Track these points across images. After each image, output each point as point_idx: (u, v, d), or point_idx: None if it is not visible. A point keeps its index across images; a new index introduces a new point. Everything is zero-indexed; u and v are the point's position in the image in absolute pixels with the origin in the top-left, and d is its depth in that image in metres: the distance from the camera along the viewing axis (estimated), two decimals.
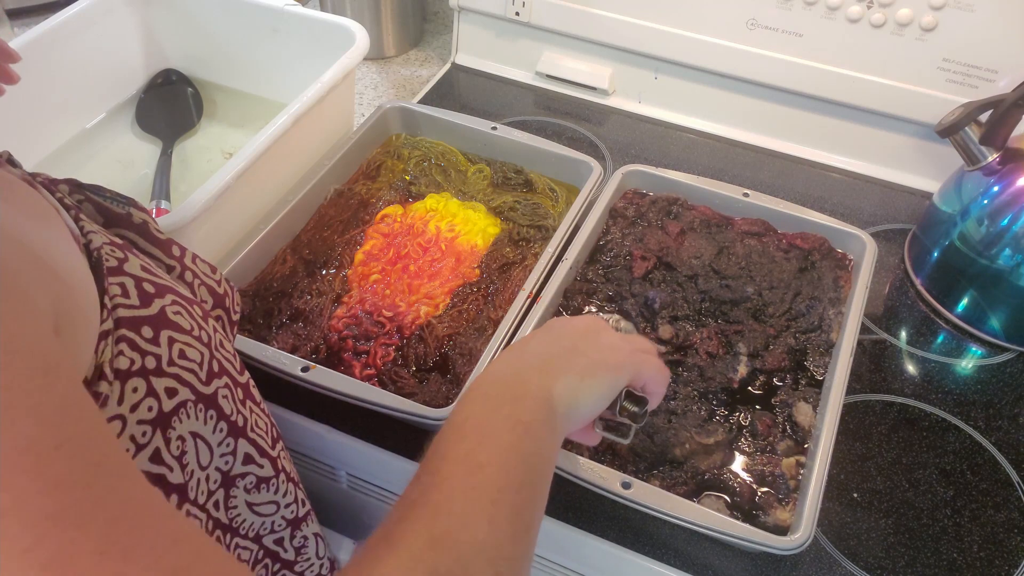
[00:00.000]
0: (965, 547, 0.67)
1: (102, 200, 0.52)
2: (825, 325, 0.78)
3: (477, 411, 0.46)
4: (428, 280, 0.81)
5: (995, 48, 0.89)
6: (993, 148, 0.82)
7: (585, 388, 0.49)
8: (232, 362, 0.50)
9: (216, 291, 0.55)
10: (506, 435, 0.44)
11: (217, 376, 0.48)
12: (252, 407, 0.52)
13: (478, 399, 0.47)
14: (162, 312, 0.44)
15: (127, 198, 0.54)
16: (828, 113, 1.01)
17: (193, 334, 0.46)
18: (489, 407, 0.46)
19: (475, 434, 0.44)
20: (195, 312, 0.47)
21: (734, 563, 0.65)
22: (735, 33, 1.00)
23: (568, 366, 0.49)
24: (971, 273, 0.83)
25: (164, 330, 0.44)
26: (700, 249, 0.84)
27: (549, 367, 0.49)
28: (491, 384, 0.48)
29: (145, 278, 0.45)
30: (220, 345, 0.49)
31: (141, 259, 0.47)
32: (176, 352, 0.44)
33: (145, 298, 0.44)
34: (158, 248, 0.53)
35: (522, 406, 0.46)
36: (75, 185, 0.51)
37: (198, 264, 0.55)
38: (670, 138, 1.07)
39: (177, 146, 1.00)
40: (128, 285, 0.43)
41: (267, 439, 0.54)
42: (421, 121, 0.98)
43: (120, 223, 0.52)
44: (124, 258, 0.44)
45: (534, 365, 0.49)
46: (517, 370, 0.49)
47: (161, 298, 0.45)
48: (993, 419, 0.77)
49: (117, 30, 1.01)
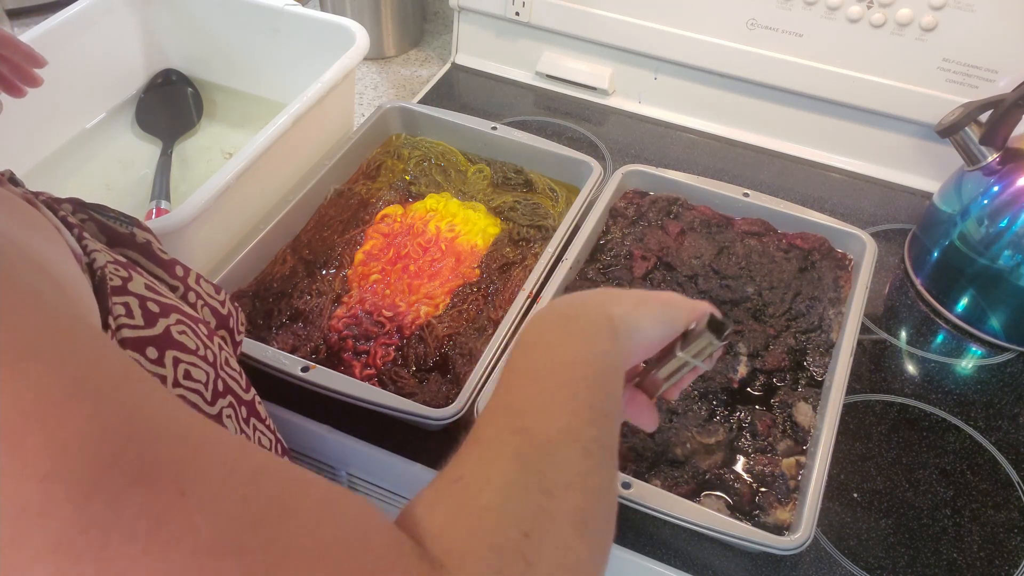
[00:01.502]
0: (965, 547, 0.67)
1: (105, 220, 0.51)
2: (825, 325, 0.78)
3: (539, 331, 0.48)
4: (428, 280, 0.81)
5: (995, 48, 0.89)
6: (993, 148, 0.82)
7: (640, 313, 0.50)
8: (238, 380, 0.50)
9: (220, 312, 0.55)
10: (572, 344, 0.46)
11: (222, 396, 0.47)
12: (256, 424, 0.52)
13: (540, 322, 0.49)
14: (167, 332, 0.44)
15: (130, 217, 0.54)
16: (828, 113, 1.01)
17: (198, 354, 0.46)
18: (552, 325, 0.48)
19: (542, 346, 0.46)
20: (200, 331, 0.47)
21: (734, 563, 0.65)
22: (735, 33, 1.00)
23: (620, 299, 0.51)
24: (971, 273, 0.83)
25: (169, 350, 0.43)
26: (700, 249, 0.84)
27: (601, 298, 0.50)
28: (549, 311, 0.50)
29: (150, 297, 0.44)
30: (226, 363, 0.49)
31: (145, 278, 0.46)
32: (181, 373, 0.44)
33: (150, 318, 0.43)
34: (161, 268, 0.52)
35: (584, 321, 0.48)
36: (79, 204, 0.51)
37: (202, 284, 0.55)
38: (670, 138, 1.07)
39: (177, 146, 1.00)
40: (132, 305, 0.43)
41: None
42: (421, 121, 0.98)
43: (123, 243, 0.52)
44: (128, 277, 0.44)
45: (586, 298, 0.51)
46: (571, 301, 0.51)
47: (166, 317, 0.44)
48: (993, 419, 0.77)
49: (117, 30, 1.01)
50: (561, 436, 0.40)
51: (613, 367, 0.47)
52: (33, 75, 0.69)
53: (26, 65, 0.69)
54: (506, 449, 0.38)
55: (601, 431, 0.42)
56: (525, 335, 0.48)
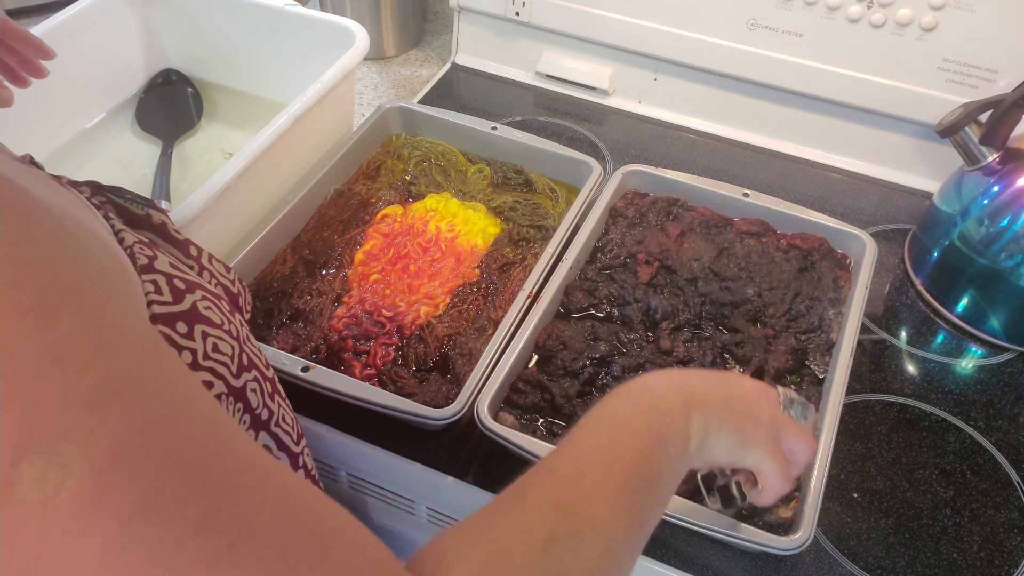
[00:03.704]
0: (965, 547, 0.67)
1: (123, 202, 0.52)
2: (825, 325, 0.78)
3: (624, 410, 0.48)
4: (428, 280, 0.81)
5: (995, 48, 0.89)
6: (993, 148, 0.82)
7: (714, 434, 0.50)
8: (259, 356, 0.51)
9: (231, 291, 0.56)
10: (644, 439, 0.46)
11: (247, 369, 0.48)
12: (280, 402, 0.53)
13: (627, 399, 0.49)
14: (194, 307, 0.45)
15: (146, 199, 0.55)
16: (828, 113, 1.01)
17: (224, 328, 0.47)
18: (635, 411, 0.48)
19: (617, 430, 0.46)
20: (223, 307, 0.48)
21: (734, 563, 0.65)
22: (735, 33, 1.00)
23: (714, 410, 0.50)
24: (971, 273, 0.83)
25: (197, 325, 0.45)
26: (700, 251, 0.84)
27: (698, 400, 0.50)
28: (641, 391, 0.49)
29: (175, 275, 0.45)
30: (247, 339, 0.50)
31: (168, 256, 0.47)
32: (210, 346, 0.45)
33: (177, 294, 0.44)
34: (177, 248, 0.54)
35: (664, 420, 0.47)
36: (96, 187, 0.52)
37: (214, 264, 0.56)
38: (670, 138, 1.07)
39: (177, 146, 1.00)
40: (160, 282, 0.44)
41: (292, 435, 0.54)
42: (421, 121, 0.98)
43: (140, 224, 0.53)
44: (153, 256, 0.45)
45: (686, 391, 0.50)
46: (669, 388, 0.50)
47: (192, 294, 0.45)
48: (993, 419, 0.77)
49: (117, 30, 1.01)
50: (591, 527, 0.40)
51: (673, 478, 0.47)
52: (40, 67, 0.70)
53: (35, 58, 0.70)
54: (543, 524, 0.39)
55: (628, 538, 0.42)
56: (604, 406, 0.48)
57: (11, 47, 0.69)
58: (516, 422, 0.70)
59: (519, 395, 0.71)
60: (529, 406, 0.71)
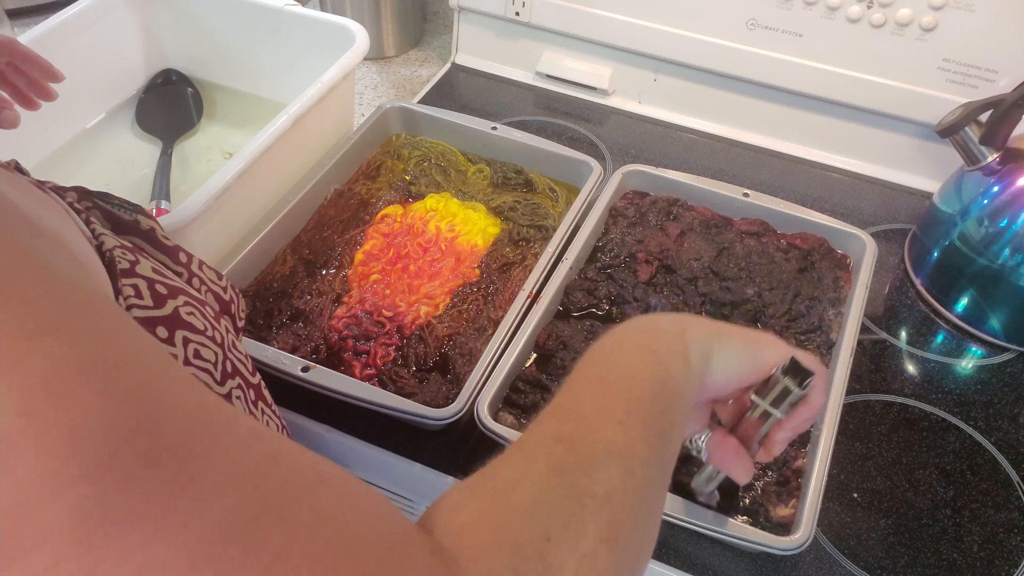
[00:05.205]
0: (965, 547, 0.67)
1: (110, 207, 0.52)
2: (825, 325, 0.78)
3: (610, 344, 0.47)
4: (428, 280, 0.81)
5: (995, 48, 0.89)
6: (993, 148, 0.82)
7: (720, 343, 0.49)
8: (244, 363, 0.51)
9: (222, 297, 0.56)
10: (637, 359, 0.45)
11: (230, 376, 0.48)
12: (264, 408, 0.52)
13: (611, 336, 0.48)
14: (175, 313, 0.44)
15: (134, 205, 0.54)
16: (828, 113, 1.01)
17: (207, 334, 0.46)
18: (622, 339, 0.47)
19: (607, 359, 0.46)
20: (207, 313, 0.48)
21: (734, 563, 0.65)
22: (735, 33, 1.00)
23: (700, 325, 0.49)
24: (971, 273, 0.83)
25: (179, 330, 0.44)
26: (700, 251, 0.84)
27: (681, 322, 0.49)
28: (624, 326, 0.49)
29: (157, 280, 0.45)
30: (232, 346, 0.50)
31: (152, 262, 0.47)
32: (191, 352, 0.44)
33: (158, 299, 0.44)
34: (165, 255, 0.53)
35: (654, 338, 0.47)
36: (83, 192, 0.52)
37: (204, 271, 0.55)
38: (670, 138, 1.07)
39: (177, 146, 1.00)
40: (141, 286, 0.43)
41: None
42: (421, 121, 0.98)
43: (128, 230, 0.52)
44: (135, 260, 0.45)
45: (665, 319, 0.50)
46: (649, 319, 0.50)
47: (174, 299, 0.45)
48: (993, 419, 0.77)
49: (117, 30, 1.01)
50: (604, 450, 0.39)
51: (678, 391, 0.46)
52: (49, 90, 0.70)
53: (43, 80, 0.70)
54: (546, 456, 0.38)
55: (652, 451, 0.41)
56: (596, 345, 0.48)
57: (20, 69, 0.69)
58: (516, 422, 0.70)
59: (519, 395, 0.71)
60: (529, 406, 0.71)
